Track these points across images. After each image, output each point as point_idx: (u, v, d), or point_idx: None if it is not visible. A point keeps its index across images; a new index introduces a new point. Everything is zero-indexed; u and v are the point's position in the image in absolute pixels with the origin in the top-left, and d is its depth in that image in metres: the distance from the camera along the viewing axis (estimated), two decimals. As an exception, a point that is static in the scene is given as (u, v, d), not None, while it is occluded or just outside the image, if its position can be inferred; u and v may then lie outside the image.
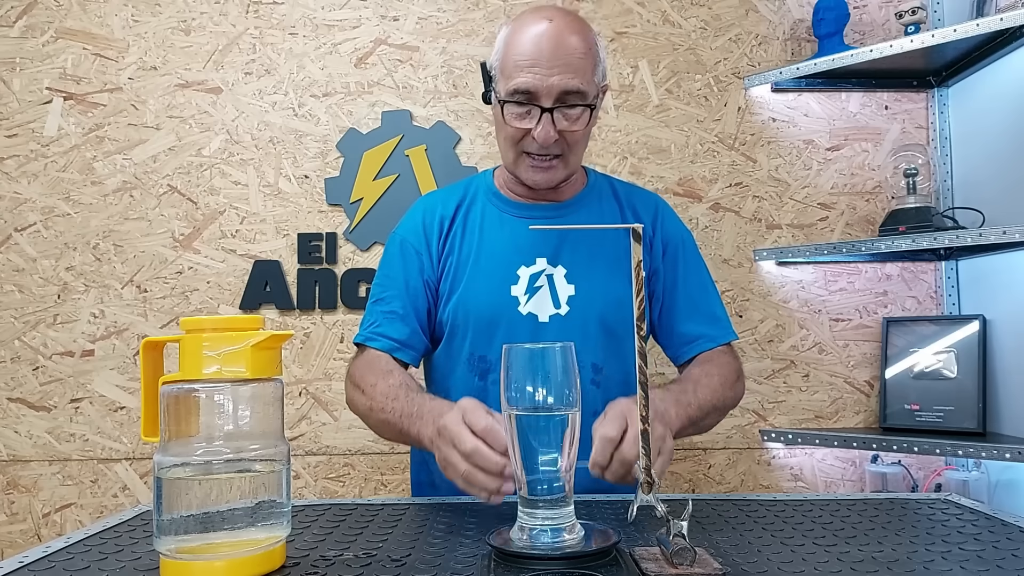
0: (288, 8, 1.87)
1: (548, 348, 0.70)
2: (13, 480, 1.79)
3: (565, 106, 1.03)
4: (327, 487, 1.81)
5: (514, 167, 1.11)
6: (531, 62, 1.01)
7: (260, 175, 1.85)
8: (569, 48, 1.01)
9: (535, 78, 1.01)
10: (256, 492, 0.65)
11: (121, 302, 1.82)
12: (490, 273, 1.12)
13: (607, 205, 1.19)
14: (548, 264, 1.12)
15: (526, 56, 1.01)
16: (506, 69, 1.04)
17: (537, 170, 1.09)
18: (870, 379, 1.84)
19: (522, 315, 1.09)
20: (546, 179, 1.10)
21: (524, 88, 1.02)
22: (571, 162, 1.10)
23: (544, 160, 1.08)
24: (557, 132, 1.04)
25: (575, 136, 1.07)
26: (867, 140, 1.87)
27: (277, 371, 0.69)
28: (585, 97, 1.04)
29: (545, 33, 1.01)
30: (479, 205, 1.18)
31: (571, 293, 1.10)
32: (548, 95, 1.01)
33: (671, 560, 0.63)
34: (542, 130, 1.03)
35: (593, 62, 1.05)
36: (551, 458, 0.69)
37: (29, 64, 1.84)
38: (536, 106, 1.02)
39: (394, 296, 1.13)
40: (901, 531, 0.76)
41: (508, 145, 1.09)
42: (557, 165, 1.08)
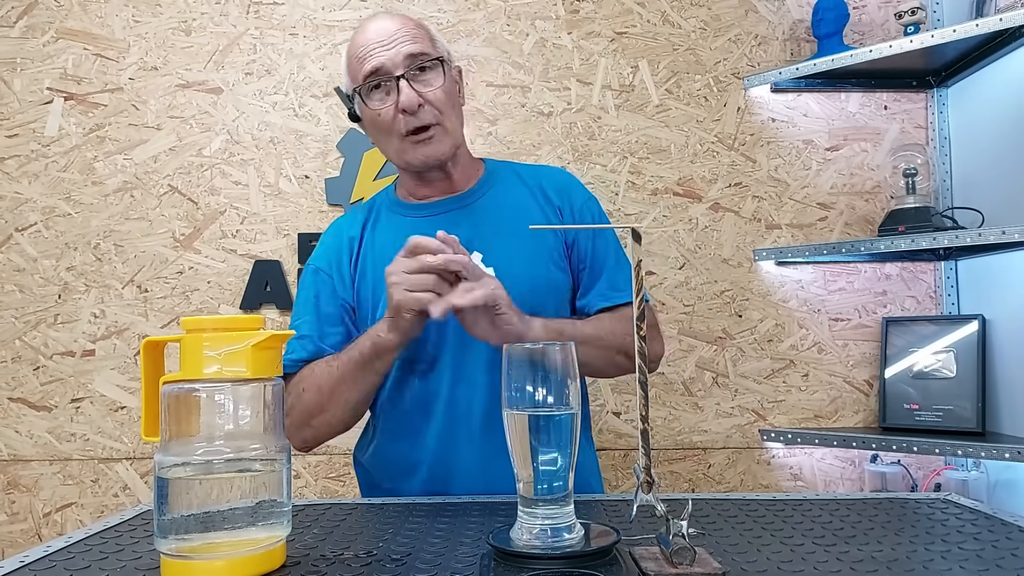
0: (288, 8, 1.87)
1: (548, 348, 0.70)
2: (14, 480, 1.79)
3: (415, 71, 1.06)
4: (327, 487, 1.81)
5: (401, 156, 1.11)
6: (371, 48, 1.06)
7: (260, 175, 1.85)
8: (399, 25, 1.08)
9: (379, 56, 1.05)
10: (256, 492, 0.66)
11: (122, 302, 1.82)
12: None
13: (513, 188, 1.18)
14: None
15: (367, 45, 1.07)
16: (354, 69, 1.09)
17: (420, 144, 1.08)
18: (869, 379, 1.84)
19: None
20: (433, 150, 1.09)
21: (372, 69, 1.06)
22: (449, 128, 1.10)
23: (422, 133, 1.08)
24: (419, 96, 1.05)
25: (438, 97, 1.07)
26: (866, 140, 1.88)
27: (277, 371, 0.69)
28: (430, 55, 1.08)
29: (373, 25, 1.09)
30: (384, 218, 1.18)
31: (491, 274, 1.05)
32: (396, 65, 1.05)
33: (671, 560, 0.63)
34: (404, 95, 1.05)
35: (429, 35, 1.11)
36: (551, 458, 0.69)
37: (30, 64, 1.85)
38: (390, 78, 1.06)
39: (304, 323, 1.14)
40: (900, 531, 0.77)
41: (387, 137, 1.10)
42: (437, 133, 1.09)
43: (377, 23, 1.08)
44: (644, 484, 0.68)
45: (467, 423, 1.08)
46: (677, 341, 1.83)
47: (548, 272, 1.13)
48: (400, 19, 1.09)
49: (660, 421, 1.82)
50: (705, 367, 1.84)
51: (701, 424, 1.83)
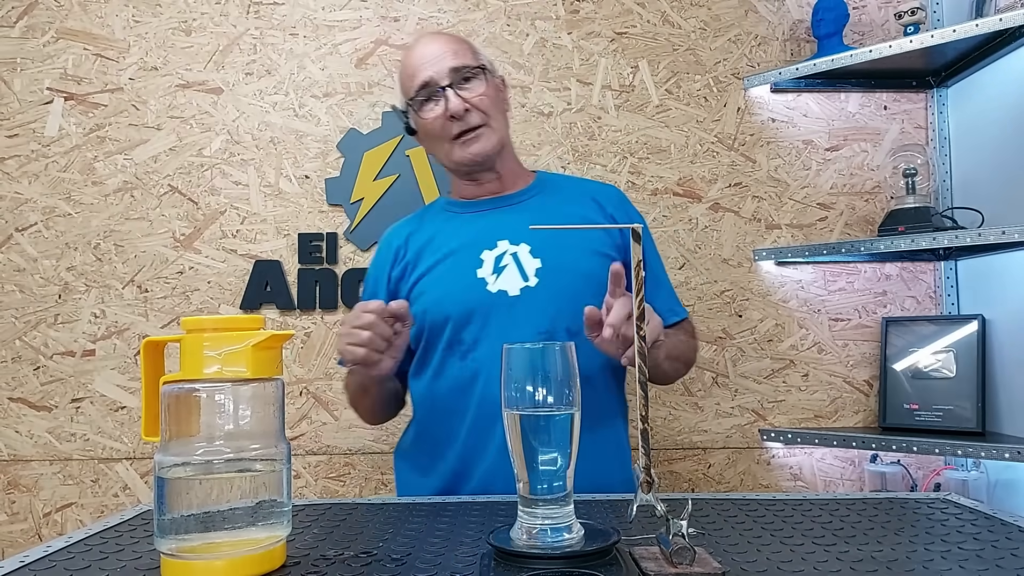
0: (289, 9, 1.87)
1: (548, 348, 0.70)
2: (14, 480, 1.79)
3: (461, 80, 1.16)
4: (327, 487, 1.81)
5: (451, 157, 1.19)
6: (419, 66, 1.17)
7: (261, 175, 1.85)
8: (443, 43, 1.18)
9: (427, 71, 1.16)
10: (256, 492, 0.66)
11: (122, 302, 1.82)
12: (453, 265, 1.18)
13: (562, 193, 1.26)
14: (510, 244, 1.17)
15: (415, 63, 1.18)
16: (406, 86, 1.20)
17: (467, 143, 1.17)
18: (869, 379, 1.84)
19: (491, 293, 1.14)
20: (480, 147, 1.17)
21: (422, 83, 1.16)
22: (495, 127, 1.18)
23: (469, 133, 1.16)
24: (465, 102, 1.15)
25: (483, 102, 1.16)
26: (866, 140, 1.88)
27: (278, 371, 0.69)
28: (472, 66, 1.17)
29: (421, 44, 1.20)
30: (434, 220, 1.27)
31: (538, 266, 1.14)
32: (442, 76, 1.15)
33: (671, 560, 0.63)
34: (451, 102, 1.14)
35: (471, 50, 1.20)
36: (551, 458, 0.69)
37: (30, 64, 1.85)
38: (438, 88, 1.15)
39: None
40: (900, 531, 0.77)
41: (438, 142, 1.19)
42: (483, 132, 1.17)
43: (423, 45, 1.19)
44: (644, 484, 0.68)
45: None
46: (677, 341, 1.83)
47: (593, 264, 1.15)
48: (444, 38, 1.19)
49: (660, 421, 1.82)
50: (705, 367, 1.84)
51: (701, 424, 1.83)
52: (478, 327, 1.13)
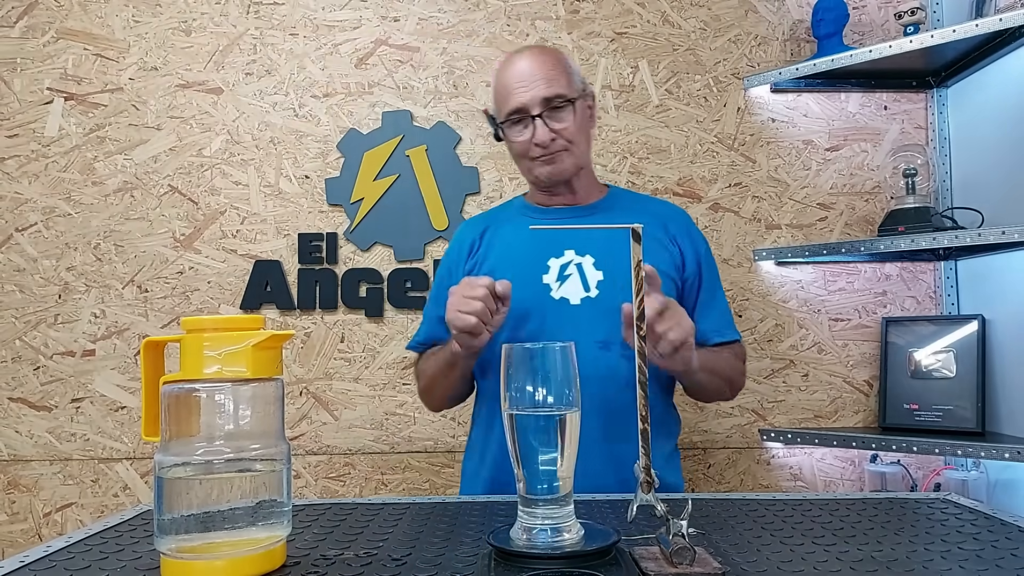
0: (289, 9, 1.87)
1: (548, 348, 0.70)
2: (14, 480, 1.79)
3: (551, 109, 1.19)
4: (327, 487, 1.81)
5: (531, 173, 1.26)
6: (515, 86, 1.20)
7: (261, 175, 1.85)
8: (541, 66, 1.21)
9: (520, 95, 1.20)
10: (256, 492, 0.66)
11: (122, 302, 1.82)
12: (521, 267, 1.23)
13: (633, 210, 1.30)
14: (576, 254, 1.22)
15: (511, 83, 1.21)
16: (500, 102, 1.24)
17: (546, 163, 1.22)
18: (869, 379, 1.84)
19: (554, 299, 1.20)
20: (556, 169, 1.23)
21: (515, 107, 1.20)
22: (575, 152, 1.23)
23: (549, 154, 1.21)
24: (551, 131, 1.19)
25: (569, 132, 1.21)
26: (866, 140, 1.88)
27: (278, 371, 0.69)
28: (565, 97, 1.20)
29: (520, 61, 1.22)
30: (510, 220, 1.32)
31: (600, 278, 1.20)
32: (535, 104, 1.19)
33: (671, 559, 0.63)
34: (539, 132, 1.19)
35: (566, 73, 1.22)
36: (551, 458, 0.69)
37: (30, 64, 1.85)
38: (528, 116, 1.19)
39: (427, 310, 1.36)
40: (900, 531, 0.77)
41: (522, 160, 1.26)
42: (562, 155, 1.22)
43: (520, 64, 1.22)
44: (644, 484, 0.68)
45: None
46: (677, 341, 1.83)
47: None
48: (540, 60, 1.21)
49: (660, 421, 1.82)
50: (705, 367, 1.84)
51: (701, 424, 1.83)
52: (537, 329, 1.19)
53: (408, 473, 1.80)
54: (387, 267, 1.83)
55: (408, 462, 1.80)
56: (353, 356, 1.82)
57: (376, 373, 1.82)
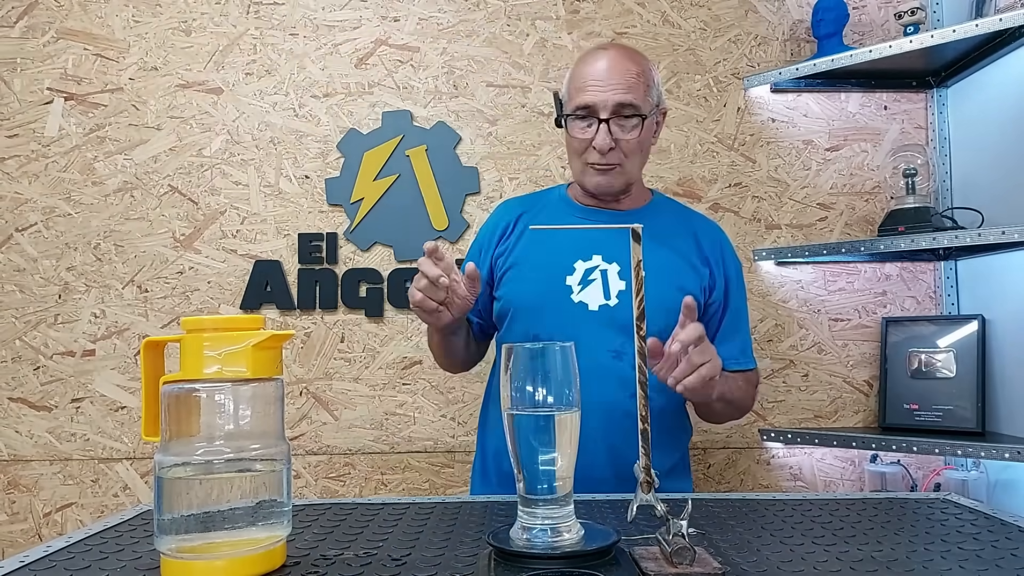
0: (289, 9, 1.87)
1: (548, 348, 0.70)
2: (14, 480, 1.79)
3: (620, 117, 1.17)
4: (327, 487, 1.81)
5: (580, 176, 1.24)
6: (591, 83, 1.18)
7: (261, 175, 1.85)
8: (623, 70, 1.18)
9: (594, 95, 1.17)
10: (256, 492, 0.66)
11: (122, 302, 1.82)
12: (547, 263, 1.23)
13: (671, 223, 1.29)
14: (603, 260, 1.21)
15: (587, 78, 1.18)
16: (572, 92, 1.21)
17: (598, 174, 1.21)
18: (869, 379, 1.84)
19: (573, 302, 1.19)
20: (607, 182, 1.21)
21: (585, 104, 1.17)
22: (628, 169, 1.22)
23: (603, 166, 1.20)
24: (613, 140, 1.17)
25: (630, 145, 1.19)
26: (866, 140, 1.88)
27: (278, 371, 0.69)
28: (638, 110, 1.18)
29: (604, 59, 1.19)
30: (548, 210, 1.31)
31: (622, 288, 1.19)
32: (605, 108, 1.17)
33: (671, 559, 0.63)
34: (600, 138, 1.17)
35: (646, 84, 1.20)
36: (551, 458, 0.69)
37: (30, 64, 1.85)
38: (595, 118, 1.17)
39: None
40: (900, 530, 0.77)
41: (575, 157, 1.24)
42: (616, 170, 1.21)
43: (604, 60, 1.19)
44: (644, 484, 0.68)
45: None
46: (677, 341, 1.83)
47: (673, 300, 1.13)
48: (624, 63, 1.18)
49: (660, 421, 1.82)
50: (705, 367, 1.84)
51: (701, 424, 1.83)
52: (553, 329, 1.18)
53: (408, 473, 1.80)
54: (387, 267, 1.83)
55: (408, 462, 1.80)
56: (353, 356, 1.82)
57: (376, 373, 1.82)
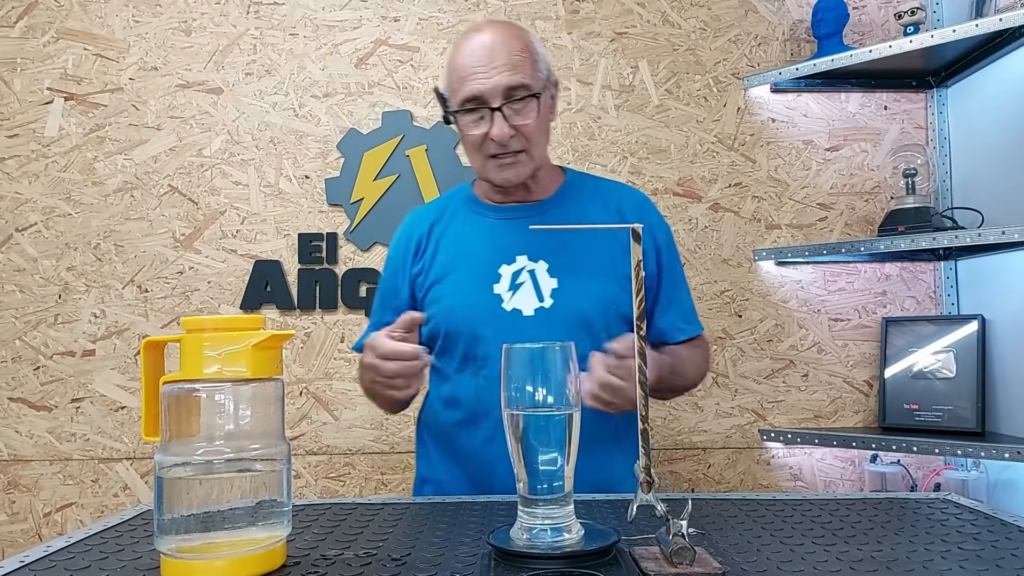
0: (289, 9, 1.87)
1: (548, 348, 0.70)
2: (14, 480, 1.79)
3: (512, 101, 1.09)
4: (327, 487, 1.81)
5: (483, 172, 1.16)
6: (472, 71, 1.09)
7: (261, 175, 1.85)
8: (504, 50, 1.09)
9: (478, 84, 1.08)
10: (257, 491, 0.66)
11: (122, 302, 1.82)
12: (471, 276, 1.16)
13: (590, 204, 1.21)
14: (529, 260, 1.14)
15: (467, 68, 1.09)
16: (454, 84, 1.12)
17: (503, 167, 1.13)
18: (869, 379, 1.84)
19: (506, 311, 1.12)
20: (514, 174, 1.13)
21: (471, 95, 1.09)
22: (534, 155, 1.14)
23: (507, 157, 1.12)
24: (511, 127, 1.09)
25: (529, 128, 1.11)
26: (866, 140, 1.88)
27: (278, 371, 0.69)
28: (531, 90, 1.10)
29: (480, 43, 1.10)
30: (459, 215, 1.23)
31: (554, 286, 1.13)
32: (494, 95, 1.08)
33: (671, 559, 0.63)
34: (497, 128, 1.09)
35: (532, 58, 1.11)
36: (551, 457, 0.69)
37: (30, 64, 1.85)
38: (486, 108, 1.09)
39: (373, 312, 1.29)
40: (900, 531, 0.77)
41: (474, 154, 1.15)
42: (521, 159, 1.13)
43: (482, 42, 1.09)
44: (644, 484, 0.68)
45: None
46: (677, 341, 1.83)
47: (609, 289, 1.14)
48: (504, 40, 1.09)
49: (660, 421, 1.82)
50: (705, 367, 1.84)
51: (701, 424, 1.83)
52: (491, 345, 1.11)
53: (408, 473, 1.80)
54: (387, 267, 1.83)
55: (408, 462, 1.80)
56: (353, 356, 1.82)
57: (376, 373, 1.82)
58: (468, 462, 1.15)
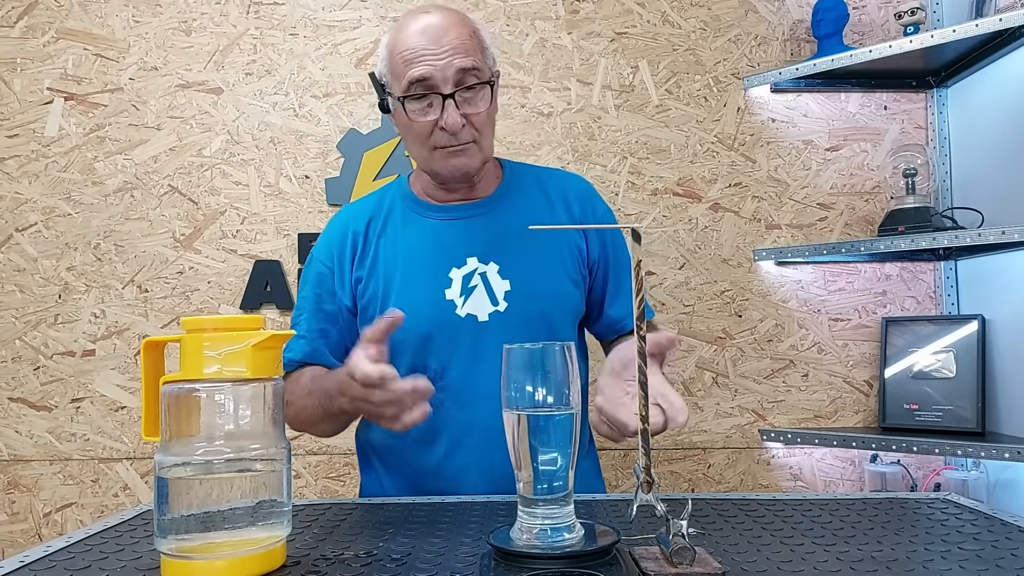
0: (288, 9, 1.87)
1: (548, 347, 0.70)
2: (14, 480, 1.79)
3: (465, 88, 1.02)
4: (327, 487, 1.81)
5: (429, 164, 1.08)
6: (421, 52, 1.00)
7: (261, 175, 1.85)
8: (455, 32, 1.01)
9: (429, 66, 1.00)
10: (257, 491, 0.66)
11: (122, 302, 1.82)
12: (419, 281, 1.08)
13: (533, 198, 1.16)
14: (479, 262, 1.08)
15: (415, 48, 1.00)
16: (397, 68, 1.03)
17: (451, 156, 1.05)
18: (869, 379, 1.84)
19: (460, 318, 1.07)
20: (464, 163, 1.06)
21: (420, 76, 1.00)
22: (484, 146, 1.08)
23: (457, 147, 1.05)
24: (463, 117, 1.02)
25: (480, 118, 1.04)
26: (866, 140, 1.88)
27: (278, 371, 0.69)
28: (482, 75, 1.03)
29: (428, 24, 1.01)
30: (396, 214, 1.14)
31: (507, 288, 1.08)
32: (445, 80, 1.01)
33: (671, 559, 0.63)
34: (449, 117, 1.01)
35: (480, 44, 1.05)
36: (551, 458, 0.69)
37: (30, 64, 1.85)
38: (437, 94, 1.01)
39: (303, 321, 1.13)
40: (900, 531, 0.77)
41: (418, 145, 1.07)
42: (471, 148, 1.06)
43: (428, 21, 1.01)
44: (644, 484, 0.68)
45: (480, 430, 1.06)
46: (677, 341, 1.83)
47: (562, 286, 1.12)
48: (453, 20, 1.03)
49: (660, 421, 1.82)
50: (705, 367, 1.84)
51: (701, 424, 1.83)
52: (446, 353, 1.06)
53: (408, 473, 1.80)
54: (387, 267, 1.83)
55: (408, 462, 1.80)
56: (353, 356, 1.82)
57: (376, 373, 1.82)
58: (428, 481, 1.08)
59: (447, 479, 1.07)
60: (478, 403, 1.05)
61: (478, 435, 1.06)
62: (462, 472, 1.07)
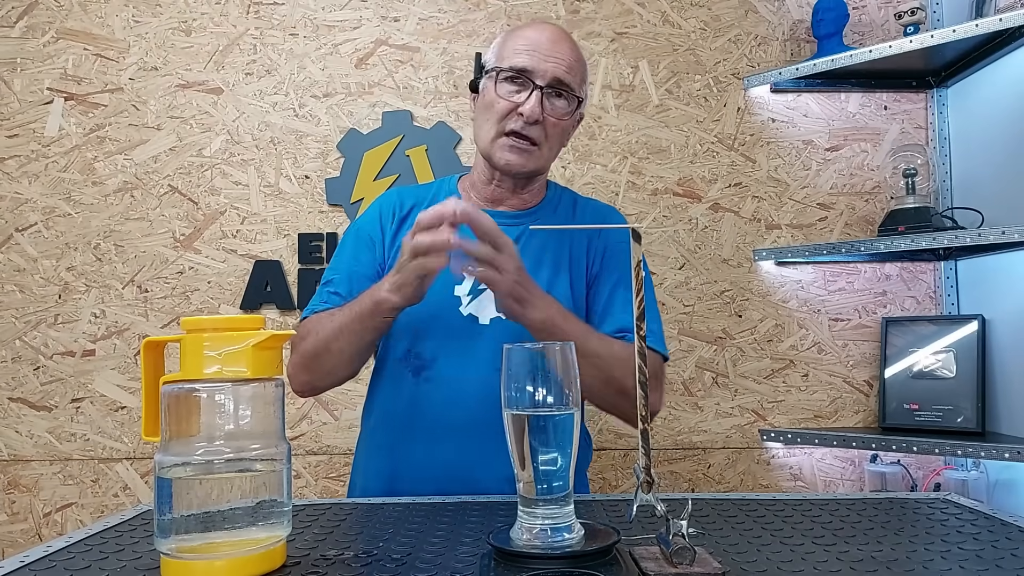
0: (289, 9, 1.87)
1: (548, 347, 0.70)
2: (14, 480, 1.79)
3: (555, 92, 1.09)
4: (327, 487, 1.81)
5: (490, 149, 1.11)
6: (532, 48, 1.08)
7: (261, 175, 1.85)
8: (566, 48, 1.10)
9: (534, 59, 1.07)
10: (257, 491, 0.66)
11: (122, 302, 1.82)
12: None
13: (562, 218, 1.20)
14: None
15: (527, 43, 1.09)
16: (506, 52, 1.10)
17: (513, 150, 1.09)
18: (869, 379, 1.84)
19: (462, 315, 1.09)
20: (520, 162, 1.10)
21: (524, 66, 1.07)
22: (544, 154, 1.12)
23: (521, 142, 1.09)
24: (543, 113, 1.07)
25: (555, 127, 1.10)
26: (866, 140, 1.88)
27: (278, 371, 0.69)
28: (573, 93, 1.10)
29: (551, 34, 1.10)
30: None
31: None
32: (543, 76, 1.07)
33: (671, 559, 0.63)
34: (531, 104, 1.06)
35: (582, 72, 1.13)
36: (551, 458, 0.69)
37: (30, 64, 1.85)
38: (530, 82, 1.07)
39: (340, 280, 1.15)
40: (900, 531, 0.77)
41: (491, 123, 1.10)
42: (532, 151, 1.10)
43: (550, 32, 1.10)
44: (644, 484, 0.68)
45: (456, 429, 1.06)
46: (677, 341, 1.83)
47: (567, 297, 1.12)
48: (569, 47, 1.11)
49: (660, 421, 1.82)
50: (705, 367, 1.84)
51: (701, 424, 1.83)
52: (438, 345, 1.08)
53: (408, 473, 1.80)
54: (387, 267, 1.83)
55: (408, 462, 1.80)
56: (353, 356, 1.82)
57: (376, 373, 1.82)
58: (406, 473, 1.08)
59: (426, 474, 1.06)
60: (464, 401, 1.06)
61: (460, 432, 1.06)
62: (441, 468, 1.06)
